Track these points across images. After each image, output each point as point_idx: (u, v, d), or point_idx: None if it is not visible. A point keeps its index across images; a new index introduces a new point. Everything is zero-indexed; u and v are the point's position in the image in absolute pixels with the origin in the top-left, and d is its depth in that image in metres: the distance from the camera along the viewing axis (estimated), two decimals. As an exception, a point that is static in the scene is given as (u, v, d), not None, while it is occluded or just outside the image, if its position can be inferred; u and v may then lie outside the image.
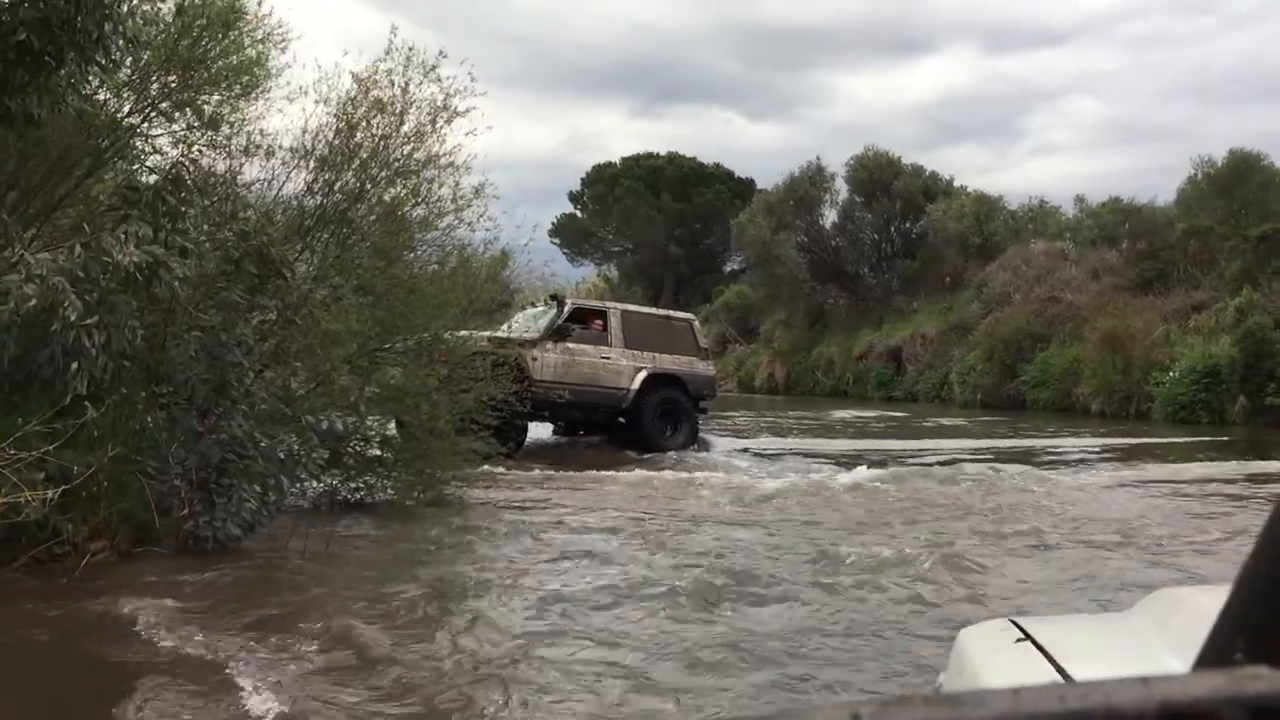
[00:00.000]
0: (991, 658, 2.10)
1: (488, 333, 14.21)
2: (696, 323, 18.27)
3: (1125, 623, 2.21)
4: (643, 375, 16.27)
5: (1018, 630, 2.20)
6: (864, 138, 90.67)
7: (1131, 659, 1.92)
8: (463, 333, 11.61)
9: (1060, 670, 1.86)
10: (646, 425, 16.27)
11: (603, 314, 16.79)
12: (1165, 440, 19.94)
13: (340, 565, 7.81)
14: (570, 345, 15.91)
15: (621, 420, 16.51)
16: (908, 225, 40.34)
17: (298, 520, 8.38)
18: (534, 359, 15.40)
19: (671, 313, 19.31)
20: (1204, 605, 2.22)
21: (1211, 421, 23.11)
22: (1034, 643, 2.10)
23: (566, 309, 16.33)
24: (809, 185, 41.22)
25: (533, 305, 17.09)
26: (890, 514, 10.59)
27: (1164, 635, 1.92)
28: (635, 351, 16.39)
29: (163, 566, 7.25)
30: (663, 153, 53.79)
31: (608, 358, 16.17)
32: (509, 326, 16.18)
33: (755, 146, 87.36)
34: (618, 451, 15.72)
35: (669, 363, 16.63)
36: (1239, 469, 14.66)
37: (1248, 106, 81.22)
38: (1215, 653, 0.58)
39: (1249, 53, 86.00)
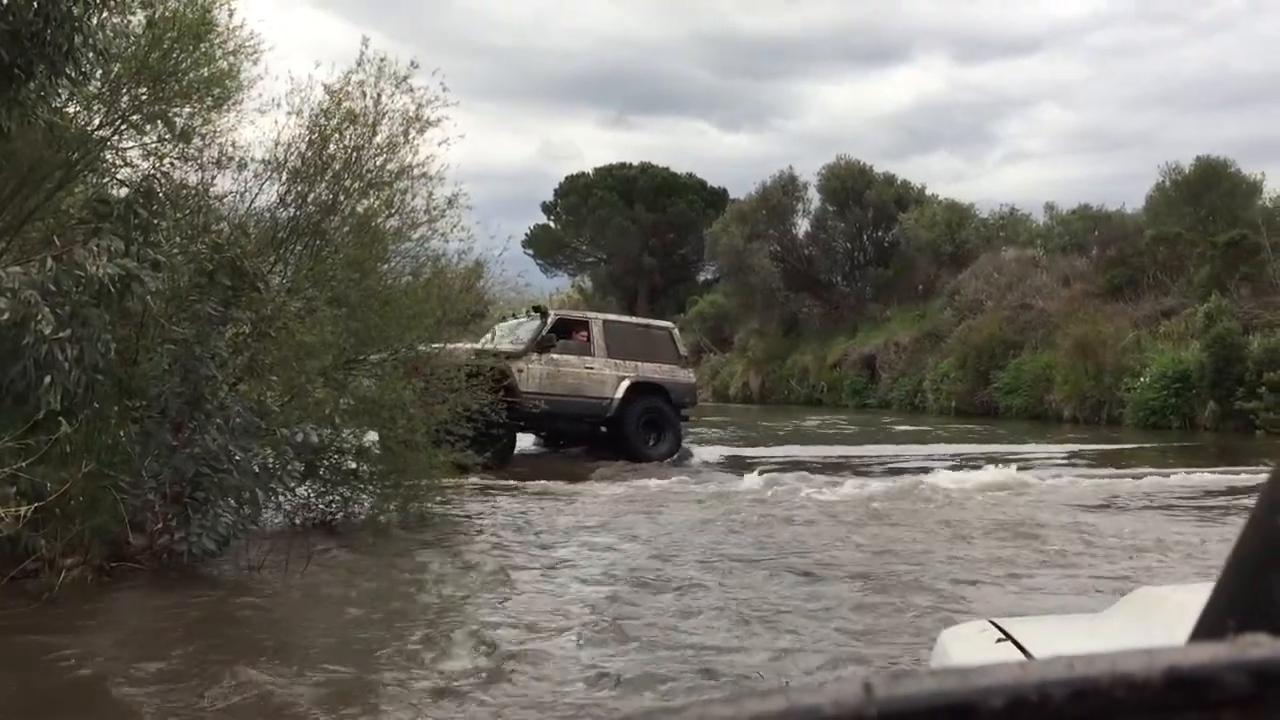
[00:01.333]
0: (974, 658, 2.11)
1: (471, 345, 14.28)
2: (676, 331, 18.32)
3: (1105, 622, 2.23)
4: (626, 384, 16.34)
5: (998, 631, 2.22)
6: (836, 147, 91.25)
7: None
8: (448, 345, 11.59)
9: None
10: (630, 435, 16.32)
11: (585, 324, 16.89)
12: (1139, 445, 20.11)
13: (319, 591, 7.65)
14: (555, 356, 15.95)
15: (604, 430, 16.55)
16: (880, 234, 40.57)
17: (276, 540, 8.26)
18: (519, 370, 15.44)
19: (651, 321, 19.40)
20: (1184, 603, 2.24)
21: (1182, 426, 23.34)
22: (1015, 643, 2.11)
23: (550, 320, 16.38)
24: (781, 195, 41.42)
25: (513, 316, 17.09)
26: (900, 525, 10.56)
27: (1146, 633, 1.94)
28: (618, 361, 16.46)
29: (136, 594, 7.16)
30: (636, 163, 53.94)
31: (591, 368, 16.23)
32: (490, 337, 16.16)
33: (728, 156, 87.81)
34: (597, 461, 15.70)
35: (651, 371, 16.72)
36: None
37: (1214, 114, 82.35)
38: (1206, 633, 0.59)
39: (1215, 61, 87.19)
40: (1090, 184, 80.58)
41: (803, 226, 42.13)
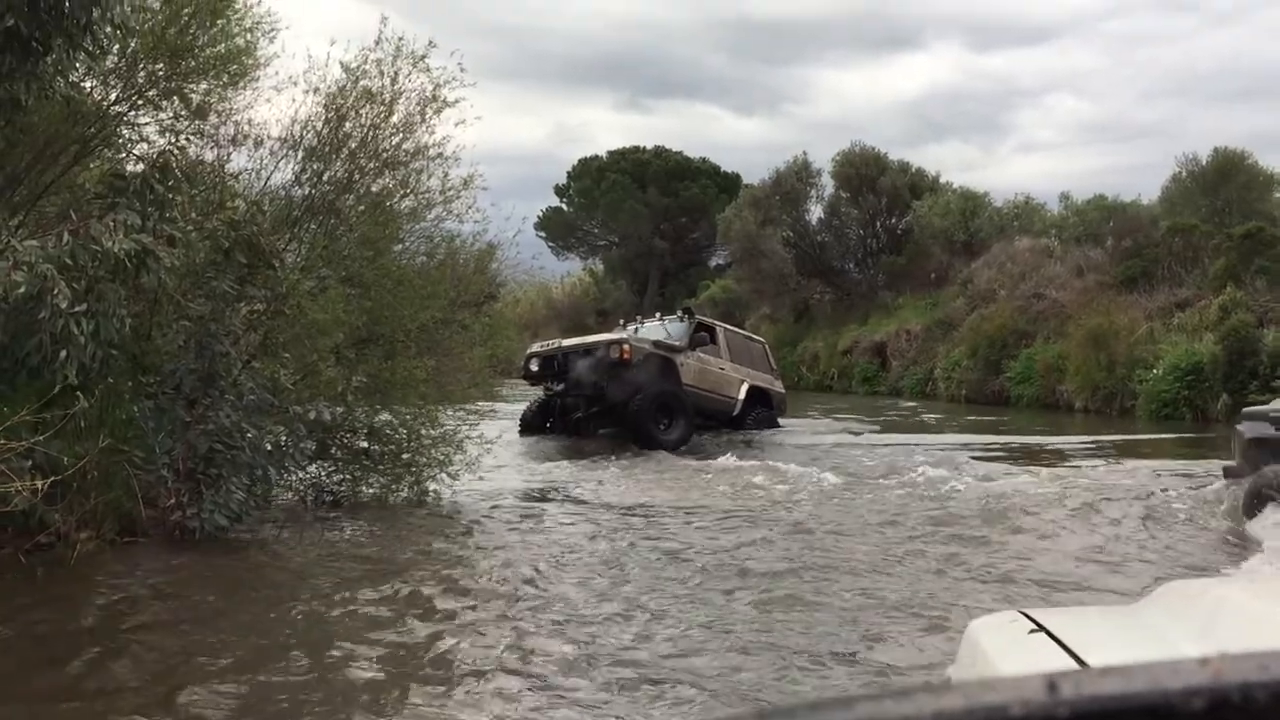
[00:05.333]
0: (1006, 650, 2.08)
1: (647, 336, 16.70)
2: (767, 346, 19.93)
3: (1139, 614, 2.19)
4: (745, 386, 17.57)
5: (1029, 622, 2.18)
6: (850, 133, 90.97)
7: (1150, 650, 1.88)
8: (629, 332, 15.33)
9: (1080, 662, 1.83)
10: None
11: (713, 329, 18.01)
12: (1155, 436, 20.03)
13: (329, 565, 7.63)
14: (701, 354, 17.00)
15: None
16: (893, 221, 40.37)
17: (287, 518, 8.25)
18: (682, 364, 16.50)
19: (751, 334, 20.89)
20: (1218, 596, 2.20)
21: (1194, 419, 23.20)
22: (1048, 634, 2.08)
23: (695, 320, 17.70)
24: (795, 180, 41.23)
25: (653, 318, 18.76)
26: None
27: (1180, 626, 1.91)
28: (737, 365, 17.66)
29: (150, 563, 7.17)
30: (649, 146, 53.71)
31: (723, 369, 17.34)
32: (633, 330, 17.53)
33: (742, 141, 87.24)
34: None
35: (759, 379, 18.01)
36: None
37: (1230, 105, 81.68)
38: None
39: (1231, 51, 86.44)
40: (1105, 174, 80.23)
41: (816, 213, 41.94)
